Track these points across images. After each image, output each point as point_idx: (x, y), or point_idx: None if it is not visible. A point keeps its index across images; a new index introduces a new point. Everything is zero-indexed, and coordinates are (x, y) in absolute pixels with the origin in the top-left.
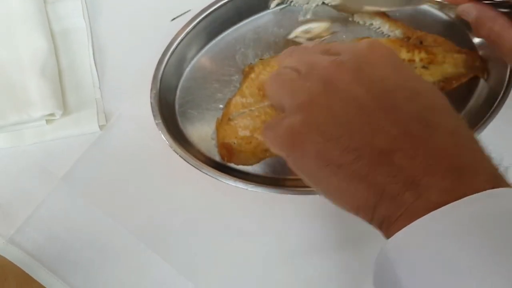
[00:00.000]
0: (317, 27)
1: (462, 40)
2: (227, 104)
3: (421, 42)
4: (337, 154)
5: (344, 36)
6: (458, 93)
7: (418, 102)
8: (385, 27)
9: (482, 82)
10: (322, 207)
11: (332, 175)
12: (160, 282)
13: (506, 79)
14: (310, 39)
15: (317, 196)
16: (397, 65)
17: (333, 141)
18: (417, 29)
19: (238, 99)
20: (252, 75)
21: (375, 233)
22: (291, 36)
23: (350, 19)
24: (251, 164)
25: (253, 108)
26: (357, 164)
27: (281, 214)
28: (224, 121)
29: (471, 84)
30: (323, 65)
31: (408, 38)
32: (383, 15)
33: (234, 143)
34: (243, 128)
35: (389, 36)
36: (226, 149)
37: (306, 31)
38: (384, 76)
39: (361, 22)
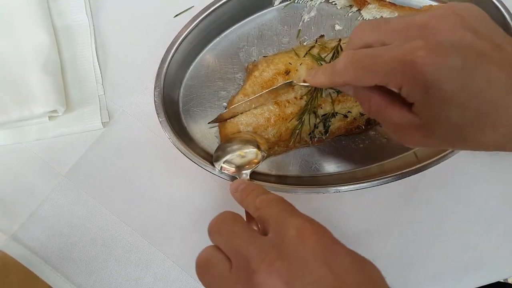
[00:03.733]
0: None
1: None
2: (230, 102)
3: None
4: None
5: (347, 34)
6: None
7: None
8: (394, 15)
9: None
10: (324, 205)
11: None
12: (162, 278)
13: None
14: None
15: (320, 194)
16: (329, 258)
17: None
18: None
19: (240, 98)
20: (256, 73)
21: (378, 232)
22: None
23: (359, 18)
24: None
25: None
26: None
27: None
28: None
29: None
30: (253, 266)
31: None
32: (390, 4)
33: None
34: (246, 125)
35: None
36: None
37: None
38: (316, 278)
39: (370, 18)
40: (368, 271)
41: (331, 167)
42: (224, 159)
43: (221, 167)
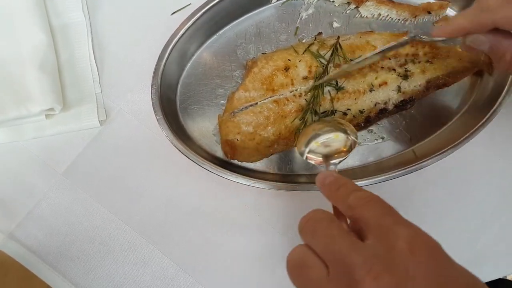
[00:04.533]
0: None
1: None
2: (230, 99)
3: (429, 12)
4: None
5: (344, 30)
6: (462, 87)
7: None
8: (392, 13)
9: (486, 76)
10: (323, 203)
11: None
12: (161, 277)
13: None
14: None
15: (319, 192)
16: (441, 277)
17: None
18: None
19: (241, 93)
20: (255, 69)
21: None
22: None
23: (357, 15)
24: (255, 161)
25: (258, 102)
26: None
27: (283, 210)
28: (226, 116)
29: (475, 78)
30: (357, 277)
31: (416, 16)
32: (387, 2)
33: (237, 140)
34: (246, 124)
35: (399, 20)
36: (229, 146)
37: None
38: None
39: (368, 16)
40: None
41: None
42: (309, 148)
43: (306, 157)
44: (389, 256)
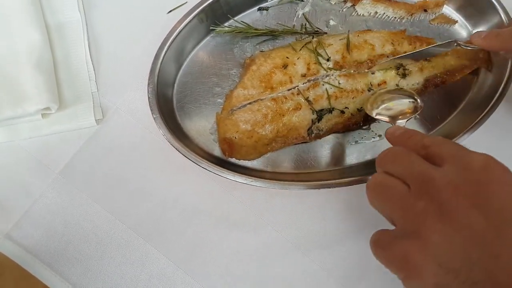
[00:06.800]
0: None
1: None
2: (228, 97)
3: (425, 10)
4: (457, 287)
5: (341, 28)
6: (459, 85)
7: None
8: (389, 11)
9: (482, 73)
10: (321, 201)
11: None
12: (158, 276)
13: (507, 71)
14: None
15: (316, 190)
16: None
17: (452, 274)
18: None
19: (240, 91)
20: (254, 67)
21: (373, 228)
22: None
23: (353, 13)
24: (252, 159)
25: (255, 100)
26: None
27: (280, 208)
28: (225, 114)
29: (472, 76)
30: (438, 186)
31: (412, 14)
32: (384, 0)
33: (235, 138)
34: (244, 122)
35: (395, 18)
36: (227, 144)
37: None
38: (503, 205)
39: (365, 14)
40: None
41: (326, 163)
42: (380, 107)
43: (376, 113)
44: (465, 172)
